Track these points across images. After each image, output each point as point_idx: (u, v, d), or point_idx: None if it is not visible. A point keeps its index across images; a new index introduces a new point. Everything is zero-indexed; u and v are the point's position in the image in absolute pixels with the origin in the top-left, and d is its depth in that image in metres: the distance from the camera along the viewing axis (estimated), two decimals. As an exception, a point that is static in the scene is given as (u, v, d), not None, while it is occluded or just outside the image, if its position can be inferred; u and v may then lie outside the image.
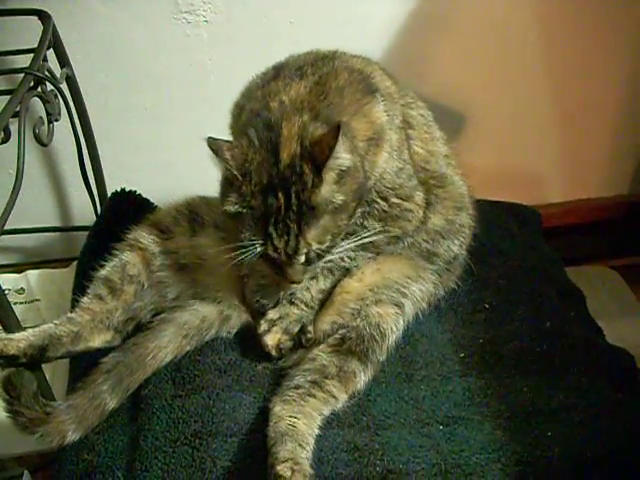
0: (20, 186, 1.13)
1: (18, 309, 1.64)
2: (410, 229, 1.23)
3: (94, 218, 1.64)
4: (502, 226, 1.57)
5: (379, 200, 1.17)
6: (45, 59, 1.34)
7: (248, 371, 1.17)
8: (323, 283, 1.21)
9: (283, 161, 1.03)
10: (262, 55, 1.23)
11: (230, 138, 1.17)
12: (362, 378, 1.12)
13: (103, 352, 1.16)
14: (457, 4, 1.72)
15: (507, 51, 1.79)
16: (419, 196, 1.22)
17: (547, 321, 1.28)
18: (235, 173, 1.03)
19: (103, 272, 1.23)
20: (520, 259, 1.46)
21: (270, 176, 1.03)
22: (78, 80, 1.58)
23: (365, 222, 1.18)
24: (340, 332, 1.16)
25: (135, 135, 1.75)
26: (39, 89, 1.25)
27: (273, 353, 1.18)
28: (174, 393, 1.13)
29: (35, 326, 1.17)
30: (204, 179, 1.14)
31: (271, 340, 1.18)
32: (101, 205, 1.69)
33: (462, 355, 1.22)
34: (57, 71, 1.45)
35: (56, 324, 1.15)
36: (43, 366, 1.18)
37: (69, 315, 1.18)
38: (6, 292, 1.65)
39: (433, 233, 1.27)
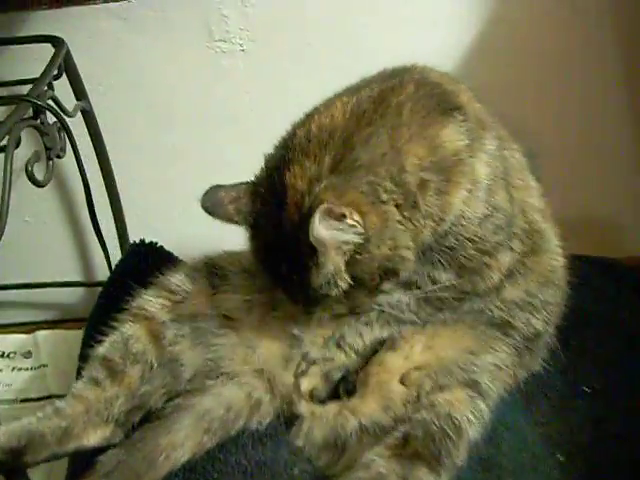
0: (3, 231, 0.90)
1: (23, 377, 1.47)
2: (481, 289, 0.96)
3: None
4: (595, 287, 1.29)
5: (455, 248, 0.91)
6: (51, 87, 1.15)
7: (281, 475, 0.91)
8: (379, 332, 0.97)
9: (284, 222, 0.85)
10: (307, 88, 1.07)
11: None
12: None
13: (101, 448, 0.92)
14: (517, 32, 1.48)
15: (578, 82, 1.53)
16: (503, 258, 0.95)
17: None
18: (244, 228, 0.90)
19: (101, 350, 1.00)
20: (621, 327, 1.18)
21: (273, 238, 0.87)
22: (97, 115, 1.41)
23: (433, 273, 0.93)
24: (401, 429, 0.89)
25: (161, 178, 1.56)
26: (38, 120, 1.05)
27: (306, 398, 0.96)
28: (187, 505, 0.88)
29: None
30: (240, 230, 0.95)
31: (306, 384, 0.96)
32: (122, 259, 1.49)
33: (560, 458, 0.94)
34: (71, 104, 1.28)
35: (39, 417, 0.91)
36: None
37: (57, 405, 0.94)
38: (11, 356, 1.49)
39: (508, 302, 1.00)
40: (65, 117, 1.21)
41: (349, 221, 0.79)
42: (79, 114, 1.34)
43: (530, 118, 1.52)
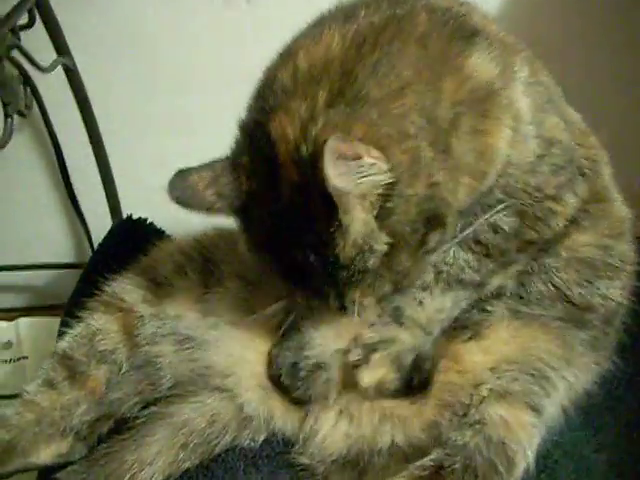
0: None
1: (1, 370, 1.30)
2: (548, 235, 0.76)
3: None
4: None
5: (505, 201, 0.72)
6: (17, 35, 0.97)
7: (280, 508, 0.72)
8: (441, 300, 0.77)
9: (282, 191, 0.64)
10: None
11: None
12: None
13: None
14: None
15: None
16: (570, 200, 0.75)
17: None
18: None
19: (61, 344, 0.82)
20: None
21: (272, 217, 0.66)
22: (83, 75, 1.24)
23: (488, 219, 0.73)
24: (434, 454, 0.68)
25: (159, 149, 1.37)
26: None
27: (372, 395, 0.76)
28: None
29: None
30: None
31: (370, 376, 0.76)
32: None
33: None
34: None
35: None
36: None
37: (1, 412, 0.77)
38: (-9, 346, 1.34)
39: (582, 264, 0.79)
40: (40, 76, 1.05)
41: (368, 159, 0.59)
42: (61, 75, 1.19)
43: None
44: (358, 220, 0.61)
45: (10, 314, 1.42)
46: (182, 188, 0.68)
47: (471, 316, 0.79)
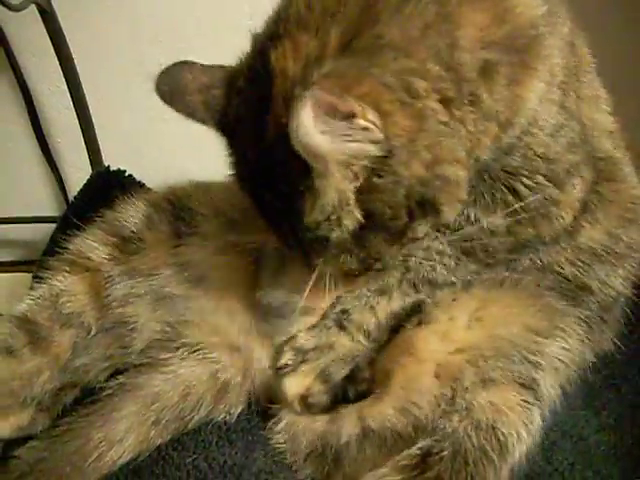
0: None
1: None
2: (547, 234, 0.69)
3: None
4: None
5: (519, 173, 0.64)
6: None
7: (254, 486, 0.67)
8: (399, 303, 0.70)
9: (268, 127, 0.56)
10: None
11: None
12: None
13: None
14: None
15: None
16: (576, 186, 0.67)
17: None
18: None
19: (21, 307, 0.77)
20: None
21: (254, 151, 0.59)
22: (61, 19, 1.15)
23: (478, 213, 0.66)
24: (421, 443, 0.63)
25: (143, 101, 1.29)
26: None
27: (295, 407, 0.70)
28: (124, 522, 0.65)
29: None
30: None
31: (295, 386, 0.70)
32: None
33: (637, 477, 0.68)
34: None
35: None
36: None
37: (-46, 381, 0.71)
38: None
39: (586, 253, 0.72)
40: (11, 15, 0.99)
41: (360, 121, 0.52)
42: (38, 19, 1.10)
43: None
44: (332, 187, 0.55)
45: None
46: (173, 83, 0.64)
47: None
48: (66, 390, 0.75)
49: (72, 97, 1.22)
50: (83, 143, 1.27)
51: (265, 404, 0.73)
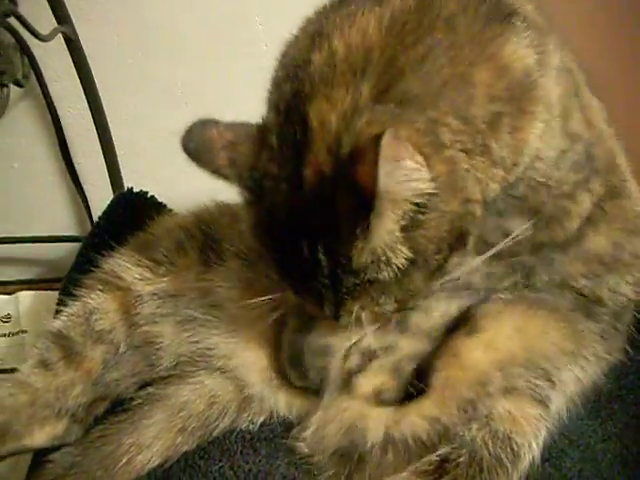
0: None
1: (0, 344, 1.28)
2: (560, 237, 0.73)
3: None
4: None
5: (527, 197, 0.68)
6: (14, 1, 0.94)
7: (278, 492, 0.71)
8: (446, 305, 0.74)
9: (307, 179, 0.59)
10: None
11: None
12: None
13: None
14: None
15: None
16: (584, 199, 0.72)
17: None
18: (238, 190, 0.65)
19: (56, 323, 0.81)
20: None
21: (287, 205, 0.61)
22: (84, 45, 1.22)
23: (502, 223, 0.70)
24: (440, 450, 0.66)
25: (162, 121, 1.34)
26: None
27: (370, 403, 0.73)
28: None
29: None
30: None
31: (368, 383, 0.73)
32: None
33: (638, 485, 0.72)
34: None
35: None
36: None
37: (-7, 392, 0.75)
38: (-10, 319, 1.33)
39: (593, 262, 0.75)
40: (40, 44, 1.05)
41: (411, 164, 0.55)
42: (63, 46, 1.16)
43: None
44: (384, 228, 0.57)
45: (9, 287, 1.40)
46: (198, 140, 0.65)
47: (471, 308, 0.75)
48: (98, 402, 0.79)
49: (94, 119, 1.28)
50: (104, 164, 1.32)
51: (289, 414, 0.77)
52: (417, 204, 0.57)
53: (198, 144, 0.64)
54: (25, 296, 1.35)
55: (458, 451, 0.65)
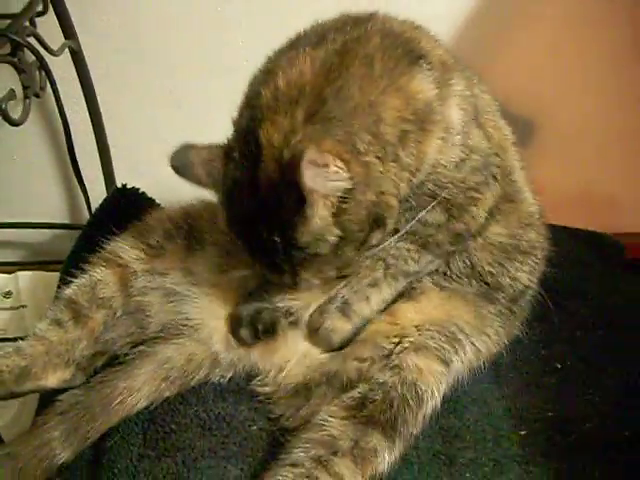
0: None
1: (2, 316, 1.47)
2: (474, 228, 0.94)
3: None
4: (580, 260, 1.26)
5: (435, 192, 0.89)
6: (33, 24, 1.11)
7: (239, 431, 0.89)
8: (388, 292, 0.95)
9: (261, 183, 0.80)
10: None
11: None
12: (386, 458, 0.82)
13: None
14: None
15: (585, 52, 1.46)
16: (487, 195, 0.92)
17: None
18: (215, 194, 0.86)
19: (67, 291, 0.98)
20: (603, 304, 1.15)
21: (249, 202, 0.82)
22: (87, 57, 1.38)
23: (421, 215, 0.90)
24: (360, 389, 0.86)
25: (152, 125, 1.52)
26: (16, 58, 1.02)
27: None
28: (143, 452, 0.87)
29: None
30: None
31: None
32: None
33: (523, 433, 0.92)
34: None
35: None
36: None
37: (18, 344, 0.93)
38: (-8, 295, 1.48)
39: (496, 250, 0.97)
40: (50, 56, 1.18)
41: (333, 168, 0.76)
42: (67, 55, 1.31)
43: (535, 87, 1.49)
44: (318, 214, 0.78)
45: (8, 267, 1.55)
46: (181, 160, 0.86)
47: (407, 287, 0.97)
48: (98, 356, 0.96)
49: (92, 122, 1.44)
50: (99, 162, 1.48)
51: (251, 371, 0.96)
52: (341, 197, 0.78)
53: (182, 164, 0.87)
54: (24, 275, 1.50)
55: (374, 392, 0.85)
